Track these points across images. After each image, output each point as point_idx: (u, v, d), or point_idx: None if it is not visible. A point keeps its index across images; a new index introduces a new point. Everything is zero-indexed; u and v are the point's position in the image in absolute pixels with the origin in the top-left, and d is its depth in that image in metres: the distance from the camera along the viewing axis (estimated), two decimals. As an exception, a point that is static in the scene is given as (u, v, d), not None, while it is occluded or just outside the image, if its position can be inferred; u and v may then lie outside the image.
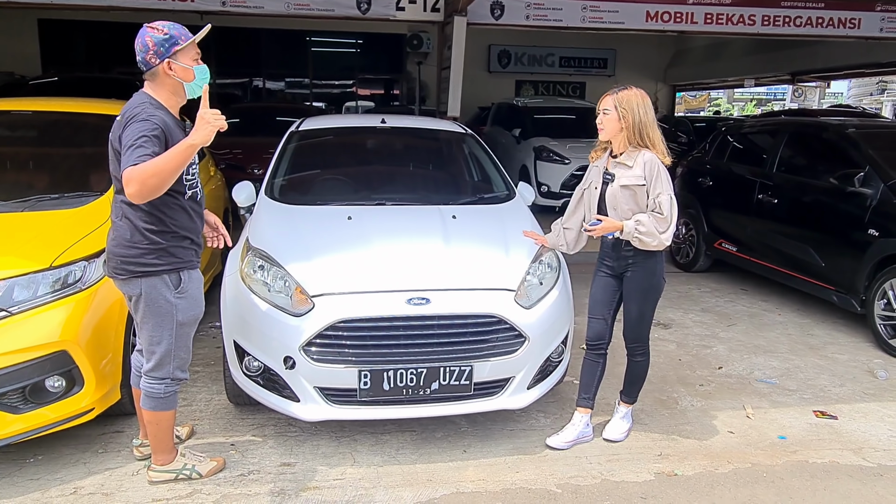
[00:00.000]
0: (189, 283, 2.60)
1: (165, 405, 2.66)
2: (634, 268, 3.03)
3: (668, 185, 2.90)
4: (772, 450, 3.23)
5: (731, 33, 9.33)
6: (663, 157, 2.93)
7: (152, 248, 2.47)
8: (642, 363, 3.23)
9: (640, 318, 3.11)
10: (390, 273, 3.02)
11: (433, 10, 7.90)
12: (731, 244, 6.07)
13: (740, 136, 6.67)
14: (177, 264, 2.54)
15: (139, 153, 2.24)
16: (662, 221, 2.87)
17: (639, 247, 2.92)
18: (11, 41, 12.59)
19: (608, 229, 2.93)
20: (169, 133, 2.37)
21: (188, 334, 2.66)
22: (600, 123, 2.97)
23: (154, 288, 2.50)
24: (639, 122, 2.87)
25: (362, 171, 4.43)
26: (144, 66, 2.44)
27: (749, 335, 4.87)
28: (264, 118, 9.44)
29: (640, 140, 2.90)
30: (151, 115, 2.36)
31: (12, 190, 3.41)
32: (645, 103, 2.90)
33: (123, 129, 2.36)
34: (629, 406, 3.33)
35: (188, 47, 2.44)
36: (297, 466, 2.96)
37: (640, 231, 2.86)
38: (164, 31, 2.40)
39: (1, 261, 2.80)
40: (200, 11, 7.38)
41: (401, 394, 2.87)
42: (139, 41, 2.41)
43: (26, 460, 2.94)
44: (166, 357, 2.60)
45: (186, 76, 2.46)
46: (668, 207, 2.87)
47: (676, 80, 18.00)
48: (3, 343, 2.65)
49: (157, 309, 2.53)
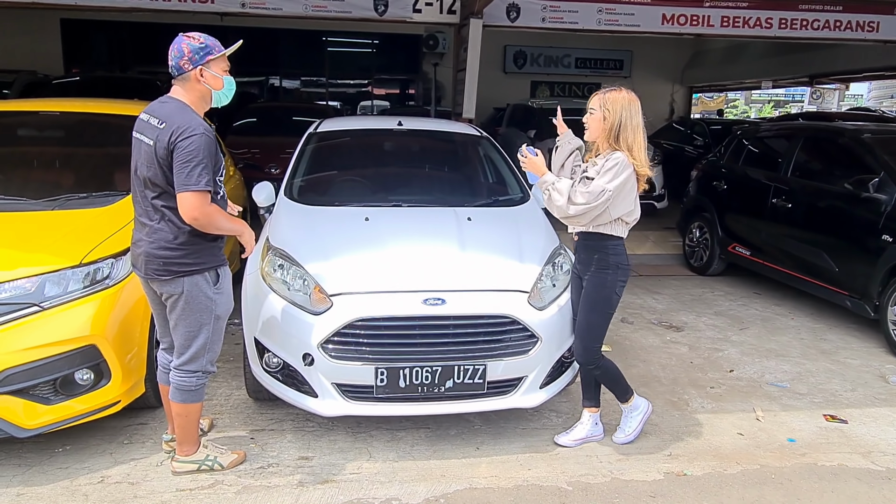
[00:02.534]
0: (224, 278, 2.74)
1: (195, 397, 2.76)
2: (588, 275, 3.01)
3: (614, 182, 2.75)
4: (781, 452, 3.27)
5: (747, 36, 9.30)
6: (641, 165, 2.82)
7: (195, 248, 2.59)
8: (601, 373, 3.12)
9: (587, 328, 3.02)
10: (407, 274, 3.10)
11: (449, 13, 7.96)
12: (744, 248, 6.09)
13: (756, 140, 6.67)
14: (214, 262, 2.68)
15: (205, 178, 2.44)
16: (581, 195, 2.76)
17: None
18: (35, 41, 12.82)
19: (534, 166, 2.93)
20: (215, 137, 2.55)
21: (222, 328, 2.78)
22: (585, 123, 2.93)
23: (196, 286, 2.62)
24: (618, 124, 2.81)
25: (379, 173, 4.51)
26: (177, 72, 2.56)
27: (761, 339, 4.89)
28: (281, 118, 9.57)
29: (615, 142, 2.83)
30: (206, 127, 2.50)
31: (42, 189, 3.52)
32: (631, 107, 2.83)
33: (178, 139, 2.44)
34: (629, 403, 3.24)
35: (220, 58, 2.59)
36: (315, 460, 3.05)
37: (555, 186, 2.82)
38: (200, 41, 2.55)
39: (33, 257, 2.91)
40: (220, 13, 7.50)
41: (416, 391, 2.94)
42: (175, 47, 2.53)
43: (55, 450, 3.06)
44: (201, 350, 2.71)
45: (216, 84, 2.61)
46: (594, 190, 2.75)
47: (693, 82, 17.91)
48: (35, 337, 2.76)
49: (198, 305, 2.64)
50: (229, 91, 2.65)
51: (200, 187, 2.44)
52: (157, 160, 2.49)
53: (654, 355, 4.50)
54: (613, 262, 2.95)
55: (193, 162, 2.43)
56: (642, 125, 2.88)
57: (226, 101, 2.66)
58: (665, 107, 17.22)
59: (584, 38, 14.25)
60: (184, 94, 2.58)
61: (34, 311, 2.79)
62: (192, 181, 2.43)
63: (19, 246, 2.98)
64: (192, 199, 2.45)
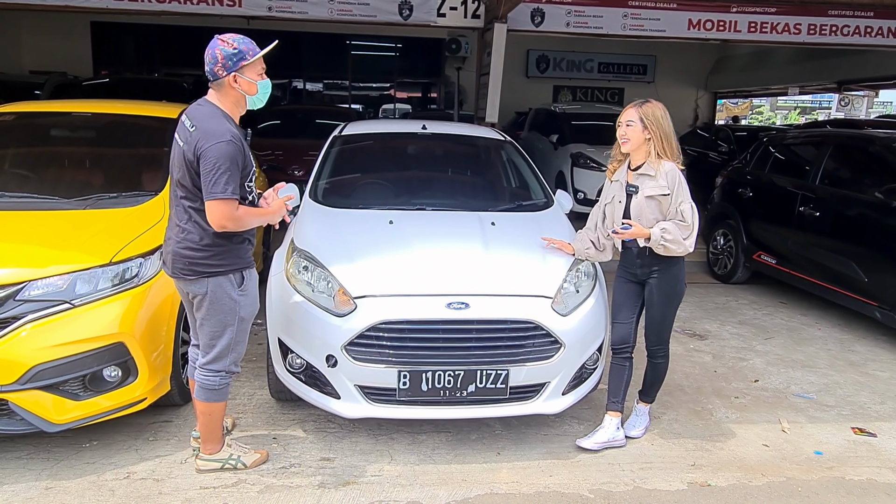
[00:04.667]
0: (249, 281, 2.75)
1: (218, 396, 2.78)
2: (658, 274, 3.13)
3: (688, 193, 3.02)
4: (807, 465, 3.21)
5: (775, 42, 9.20)
6: (681, 165, 3.07)
7: (220, 249, 2.61)
8: (662, 365, 3.31)
9: (663, 321, 3.21)
10: (431, 277, 3.10)
11: (474, 17, 7.98)
12: (770, 256, 6.00)
13: (782, 147, 6.58)
14: (240, 264, 2.69)
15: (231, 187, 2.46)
16: (685, 228, 2.97)
17: (663, 254, 3.00)
18: (65, 43, 13.10)
19: (637, 235, 3.01)
20: (242, 143, 2.53)
21: (246, 329, 2.79)
22: (624, 135, 3.04)
23: (220, 287, 2.64)
24: (666, 134, 2.99)
25: (403, 176, 4.53)
26: (212, 77, 2.57)
27: (787, 349, 4.82)
28: (304, 120, 9.64)
29: (667, 152, 3.01)
30: (233, 134, 2.50)
31: (74, 188, 3.58)
32: (667, 117, 3.01)
33: (204, 146, 2.47)
34: (648, 405, 3.44)
35: (255, 62, 2.58)
36: (337, 461, 3.06)
37: (665, 239, 2.95)
38: (234, 46, 2.52)
39: (65, 255, 2.96)
40: (247, 16, 7.60)
41: (438, 395, 2.94)
42: (209, 52, 2.53)
43: (83, 445, 3.11)
44: (225, 350, 2.73)
45: (250, 90, 2.61)
46: (689, 215, 2.98)
47: (718, 88, 17.73)
48: (65, 333, 2.81)
49: (222, 306, 2.66)
50: (264, 95, 2.66)
51: (227, 196, 2.46)
52: (186, 163, 2.53)
53: (677, 364, 4.44)
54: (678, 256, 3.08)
55: (220, 170, 2.44)
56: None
57: (260, 104, 2.68)
58: (689, 113, 17.07)
59: (607, 42, 14.09)
60: (218, 99, 2.60)
61: (65, 309, 2.85)
62: (219, 190, 2.45)
63: (52, 244, 3.04)
64: (220, 208, 2.48)
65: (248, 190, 2.65)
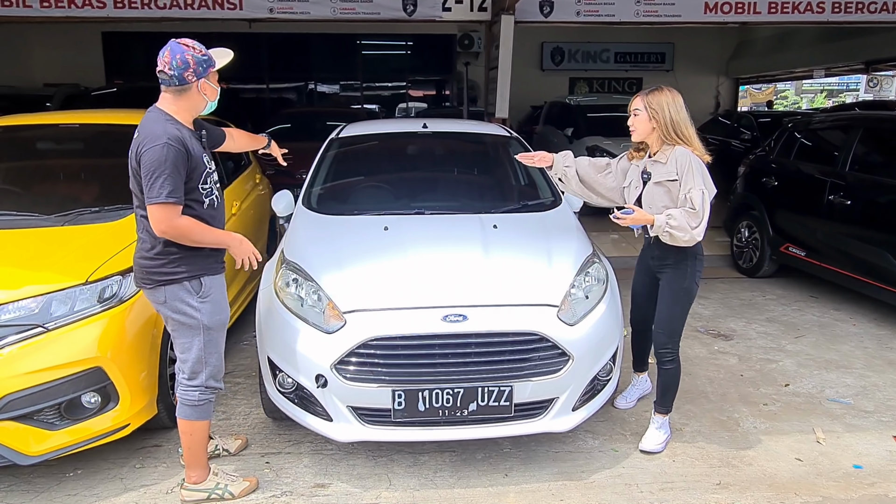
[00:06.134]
0: (211, 287, 2.63)
1: (198, 414, 2.66)
2: (668, 269, 3.05)
3: (702, 180, 2.86)
4: (846, 481, 2.93)
5: (797, 22, 8.79)
6: (701, 154, 2.94)
7: (173, 257, 2.54)
8: (672, 370, 3.13)
9: (671, 320, 3.07)
10: (425, 288, 2.89)
11: (480, 10, 7.74)
12: (798, 248, 5.67)
13: (809, 132, 6.23)
14: (195, 271, 2.58)
15: (168, 190, 2.39)
16: (694, 216, 2.82)
17: (669, 242, 2.87)
18: (78, 54, 13.14)
19: (638, 221, 2.87)
20: (185, 145, 2.47)
21: (216, 340, 2.66)
22: (631, 125, 3.01)
23: (175, 295, 2.56)
24: (670, 120, 2.90)
25: (402, 179, 4.31)
26: (177, 82, 2.49)
27: (819, 348, 4.50)
28: (314, 123, 9.48)
29: (675, 138, 2.92)
30: (171, 136, 2.44)
31: (56, 204, 3.43)
32: (676, 102, 2.92)
33: (142, 150, 2.44)
34: (665, 416, 3.22)
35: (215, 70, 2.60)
36: (331, 488, 2.86)
37: (671, 225, 2.81)
38: (203, 52, 2.53)
39: (39, 275, 2.80)
40: (249, 19, 7.46)
41: (437, 415, 2.73)
42: (177, 57, 2.46)
43: (66, 474, 2.95)
44: (198, 364, 2.63)
45: (212, 95, 2.61)
46: (699, 202, 2.83)
47: (740, 73, 17.19)
48: (38, 360, 2.65)
49: (181, 316, 2.59)
50: (216, 100, 2.66)
51: (162, 199, 2.39)
52: (132, 170, 2.53)
53: (699, 367, 4.17)
54: (692, 252, 2.98)
55: (155, 174, 2.39)
56: (690, 118, 2.98)
57: (213, 108, 2.67)
58: (710, 100, 16.59)
59: (622, 31, 13.75)
60: (173, 103, 2.54)
61: (38, 333, 2.68)
62: (154, 193, 2.39)
63: (25, 264, 2.89)
64: (157, 212, 2.42)
65: (204, 192, 2.58)
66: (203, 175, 2.56)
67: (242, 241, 2.63)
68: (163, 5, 7.29)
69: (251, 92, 14.59)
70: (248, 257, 2.62)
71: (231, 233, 2.65)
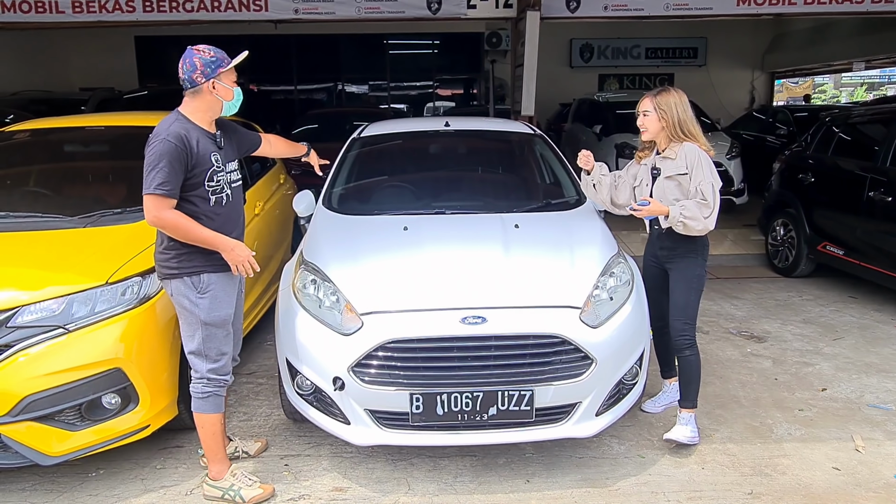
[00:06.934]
0: (211, 284, 2.67)
1: (204, 407, 2.71)
2: (676, 259, 3.12)
3: (711, 173, 3.00)
4: (886, 492, 2.78)
5: (836, 14, 8.49)
6: (707, 149, 3.08)
7: (176, 253, 2.62)
8: (692, 359, 3.14)
9: (686, 307, 3.13)
10: (444, 289, 2.83)
11: (506, 7, 7.64)
12: (837, 247, 5.46)
13: (847, 127, 6.00)
14: (196, 268, 2.64)
15: (159, 182, 2.48)
16: (706, 207, 2.95)
17: (683, 232, 2.97)
18: (112, 59, 13.43)
19: (654, 212, 3.00)
20: (187, 143, 2.54)
21: (215, 335, 2.70)
22: (641, 125, 3.13)
23: (177, 289, 2.66)
24: (678, 119, 3.03)
25: (423, 178, 4.25)
26: (189, 84, 2.61)
27: (859, 351, 4.32)
28: (341, 123, 9.50)
29: (682, 135, 3.05)
30: (172, 133, 2.52)
31: (80, 205, 3.45)
32: (682, 101, 3.07)
33: (147, 147, 2.55)
34: (691, 412, 3.17)
35: (229, 71, 2.66)
36: (350, 492, 2.83)
37: (684, 216, 2.92)
38: (211, 54, 2.61)
39: (61, 277, 2.82)
40: (274, 20, 7.50)
41: (455, 419, 2.67)
42: (186, 61, 2.59)
43: (89, 474, 2.97)
44: (198, 354, 2.70)
45: (227, 95, 2.68)
46: (710, 194, 2.95)
47: (775, 67, 16.71)
48: (59, 361, 2.66)
49: (182, 309, 2.68)
50: (238, 101, 2.73)
51: (150, 191, 2.48)
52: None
53: (732, 371, 4.03)
54: (701, 241, 3.10)
55: (151, 167, 2.48)
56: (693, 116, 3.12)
57: (234, 110, 2.74)
58: (744, 95, 16.19)
59: (653, 26, 13.57)
60: (189, 104, 2.64)
61: (59, 334, 2.70)
62: (146, 185, 2.49)
63: (48, 265, 2.91)
64: (147, 202, 2.51)
65: (210, 189, 2.63)
66: (209, 173, 2.62)
67: (235, 247, 2.62)
68: (190, 8, 7.37)
69: (280, 94, 14.73)
70: (242, 264, 2.62)
71: (226, 237, 2.62)
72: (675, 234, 3.03)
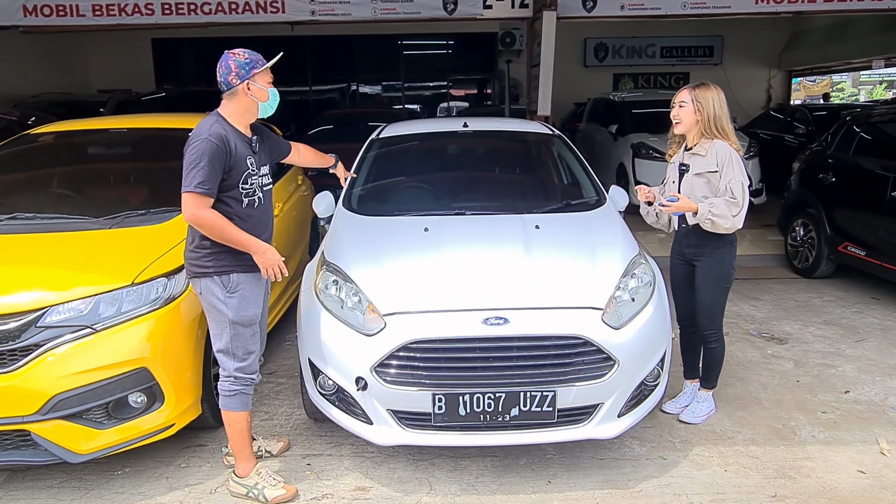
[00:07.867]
0: (240, 284, 2.70)
1: (230, 405, 2.74)
2: (704, 257, 3.16)
3: (740, 172, 3.02)
4: (914, 496, 2.76)
5: (855, 11, 8.41)
6: (737, 147, 3.10)
7: (207, 252, 2.65)
8: (717, 349, 3.31)
9: (712, 305, 3.21)
10: (466, 290, 2.84)
11: (522, 6, 7.63)
12: (858, 247, 5.40)
13: (869, 126, 5.93)
14: (226, 267, 2.67)
15: (198, 181, 2.52)
16: (734, 205, 2.98)
17: (710, 229, 3.01)
18: (129, 61, 13.54)
19: (683, 208, 3.03)
20: (227, 144, 2.59)
21: (243, 334, 2.73)
22: (676, 116, 3.14)
23: (207, 288, 2.69)
24: (714, 115, 3.06)
25: (442, 179, 4.26)
26: (225, 87, 2.67)
27: (882, 353, 4.27)
28: (356, 123, 9.53)
29: (715, 132, 3.07)
30: (213, 133, 2.57)
31: (105, 206, 3.50)
32: (720, 98, 3.08)
33: (187, 147, 2.60)
34: (709, 391, 3.41)
35: (264, 72, 2.69)
36: (372, 492, 2.84)
37: (713, 213, 2.96)
38: (245, 56, 2.66)
39: (88, 277, 2.86)
40: (291, 22, 7.54)
41: (478, 420, 2.67)
42: (222, 64, 2.64)
43: (115, 472, 3.01)
44: (226, 353, 2.73)
45: (262, 96, 2.71)
46: (739, 192, 2.98)
47: (793, 66, 16.51)
48: (87, 360, 2.70)
49: (211, 307, 2.71)
50: (274, 102, 2.76)
51: (190, 189, 2.52)
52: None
53: (753, 372, 4.01)
54: (729, 240, 3.13)
55: (191, 166, 2.53)
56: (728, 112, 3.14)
57: (271, 111, 2.78)
58: (761, 94, 16.03)
59: (668, 25, 13.48)
60: (227, 106, 2.69)
61: (87, 334, 2.74)
62: (185, 183, 2.53)
63: (74, 266, 2.95)
64: (185, 200, 2.55)
65: (244, 192, 2.67)
66: (244, 175, 2.66)
67: (267, 251, 2.65)
68: (208, 11, 7.43)
69: (295, 94, 14.80)
70: (272, 268, 2.65)
71: (258, 240, 2.66)
72: (701, 232, 3.07)
